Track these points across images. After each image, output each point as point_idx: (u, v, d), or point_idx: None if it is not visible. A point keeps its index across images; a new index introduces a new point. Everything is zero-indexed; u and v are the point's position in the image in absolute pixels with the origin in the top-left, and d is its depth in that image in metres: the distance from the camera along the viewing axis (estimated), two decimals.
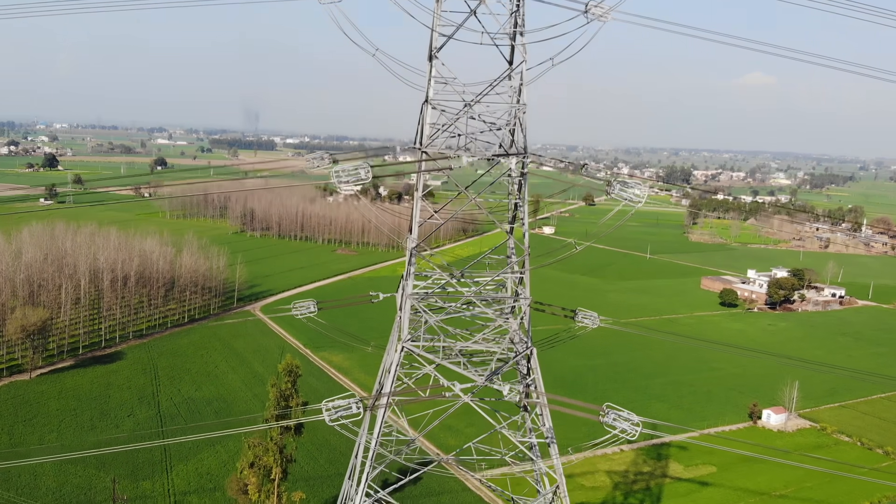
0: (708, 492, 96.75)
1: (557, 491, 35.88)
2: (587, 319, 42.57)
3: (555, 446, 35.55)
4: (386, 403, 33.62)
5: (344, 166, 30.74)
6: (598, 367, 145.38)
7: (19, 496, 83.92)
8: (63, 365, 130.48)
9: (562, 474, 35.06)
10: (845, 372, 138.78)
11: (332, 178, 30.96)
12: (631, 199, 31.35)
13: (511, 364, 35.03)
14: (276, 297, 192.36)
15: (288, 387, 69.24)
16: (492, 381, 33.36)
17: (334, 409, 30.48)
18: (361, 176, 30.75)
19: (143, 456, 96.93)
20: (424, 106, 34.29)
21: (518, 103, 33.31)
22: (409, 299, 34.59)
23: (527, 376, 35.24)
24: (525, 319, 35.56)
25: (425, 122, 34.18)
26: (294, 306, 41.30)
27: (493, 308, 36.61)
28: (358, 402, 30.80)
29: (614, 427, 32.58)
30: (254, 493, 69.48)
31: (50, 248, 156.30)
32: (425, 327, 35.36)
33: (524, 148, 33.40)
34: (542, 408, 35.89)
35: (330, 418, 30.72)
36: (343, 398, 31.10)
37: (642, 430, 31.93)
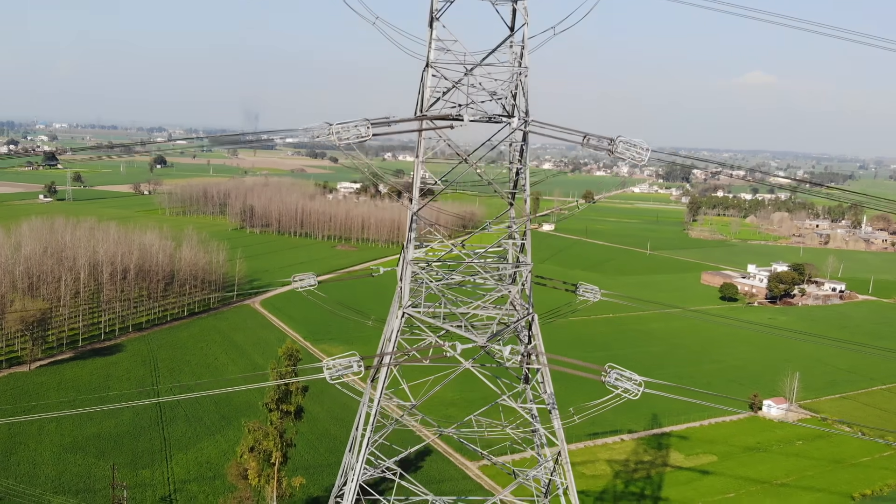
0: (709, 480, 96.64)
1: (559, 458, 35.67)
2: (588, 293, 42.38)
3: (556, 412, 35.33)
4: (387, 368, 33.41)
5: (344, 122, 30.54)
6: (598, 360, 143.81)
7: (18, 484, 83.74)
8: (62, 357, 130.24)
9: (563, 440, 34.85)
10: (852, 346, 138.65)
11: (332, 135, 30.73)
12: (634, 156, 31.15)
13: (512, 327, 34.83)
14: (277, 291, 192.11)
15: (288, 370, 69.02)
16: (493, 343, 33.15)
17: (335, 367, 30.25)
18: (362, 133, 30.57)
19: (143, 445, 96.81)
20: (425, 72, 34.11)
21: (520, 66, 33.12)
22: (410, 265, 34.41)
23: (528, 343, 35.02)
24: (526, 286, 35.38)
25: (426, 86, 33.99)
26: (294, 279, 41.09)
27: (494, 274, 36.41)
28: (359, 361, 30.57)
29: (617, 387, 32.33)
30: (254, 478, 69.28)
31: (49, 241, 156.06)
32: (426, 293, 35.17)
33: (526, 112, 33.18)
34: (543, 374, 35.70)
35: (331, 376, 30.47)
36: (344, 356, 30.89)
37: (645, 389, 31.54)
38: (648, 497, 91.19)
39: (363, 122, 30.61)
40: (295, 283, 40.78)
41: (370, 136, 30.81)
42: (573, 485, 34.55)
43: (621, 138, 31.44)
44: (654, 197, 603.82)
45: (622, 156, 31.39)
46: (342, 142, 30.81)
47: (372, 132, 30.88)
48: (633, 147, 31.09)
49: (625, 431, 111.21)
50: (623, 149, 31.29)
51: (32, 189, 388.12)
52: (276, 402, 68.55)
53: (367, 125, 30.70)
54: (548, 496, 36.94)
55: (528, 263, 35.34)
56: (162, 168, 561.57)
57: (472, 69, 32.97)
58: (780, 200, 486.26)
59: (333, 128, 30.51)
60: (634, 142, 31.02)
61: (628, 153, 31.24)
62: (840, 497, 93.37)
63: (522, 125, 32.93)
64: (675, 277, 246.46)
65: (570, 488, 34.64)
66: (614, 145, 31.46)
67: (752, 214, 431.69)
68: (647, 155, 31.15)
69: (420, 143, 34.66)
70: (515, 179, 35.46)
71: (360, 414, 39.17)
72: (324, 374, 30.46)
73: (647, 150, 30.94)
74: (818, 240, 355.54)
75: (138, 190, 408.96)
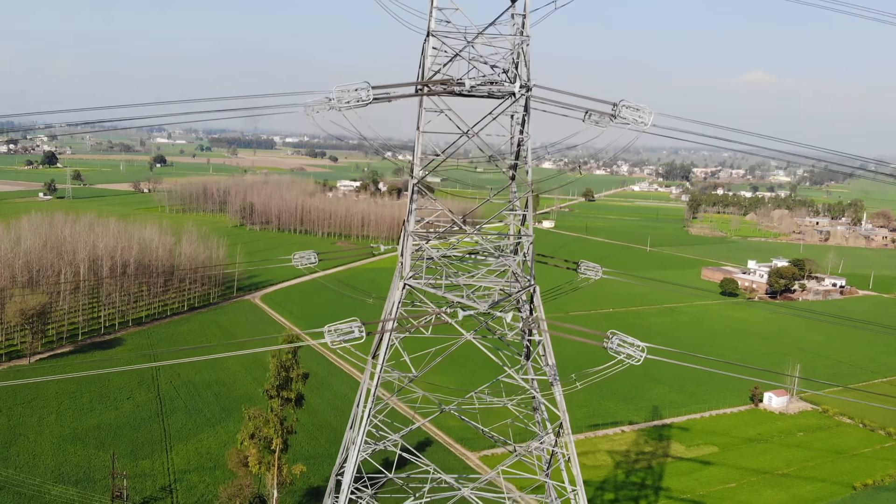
0: (710, 470, 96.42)
1: (561, 431, 35.46)
2: (590, 271, 42.18)
3: (558, 384, 35.12)
4: (388, 339, 33.19)
5: (344, 85, 30.30)
6: (600, 353, 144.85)
7: (18, 474, 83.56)
8: (62, 350, 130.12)
9: (564, 411, 34.63)
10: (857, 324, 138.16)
11: (332, 96, 30.47)
12: (637, 119, 30.91)
13: (514, 296, 34.63)
14: (276, 286, 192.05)
15: (289, 357, 68.82)
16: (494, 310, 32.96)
17: (336, 332, 30.02)
18: (362, 96, 30.36)
19: (143, 436, 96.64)
20: (426, 42, 33.88)
21: (521, 35, 32.88)
22: (411, 237, 34.20)
23: (529, 315, 34.83)
24: (528, 257, 35.16)
25: (426, 56, 33.77)
26: (295, 256, 40.89)
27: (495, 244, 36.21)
28: (360, 327, 30.34)
29: (619, 353, 32.11)
30: (254, 465, 69.08)
31: (49, 236, 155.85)
32: (427, 265, 34.95)
33: (527, 81, 32.93)
34: (545, 346, 35.48)
35: (331, 341, 30.25)
36: (346, 322, 30.68)
37: (647, 356, 31.32)
38: (649, 487, 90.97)
39: (363, 84, 30.43)
40: (296, 260, 40.58)
41: (370, 99, 30.56)
42: (575, 456, 34.37)
43: (624, 102, 31.23)
44: (653, 195, 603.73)
45: (625, 120, 31.16)
46: (342, 106, 30.56)
47: (373, 95, 30.65)
48: (637, 111, 30.86)
49: (625, 423, 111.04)
50: (626, 113, 31.07)
51: (32, 187, 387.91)
52: (276, 389, 68.35)
53: (368, 88, 30.50)
54: (549, 468, 36.75)
55: (530, 235, 35.15)
56: (162, 167, 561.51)
57: (473, 39, 32.75)
58: (780, 198, 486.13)
59: (333, 91, 30.30)
60: (638, 105, 30.82)
61: (632, 117, 31.00)
62: (841, 487, 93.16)
63: (524, 90, 32.67)
64: (675, 273, 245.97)
65: (573, 459, 34.45)
66: (617, 109, 31.25)
67: (751, 212, 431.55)
68: (651, 118, 30.90)
69: (420, 114, 34.49)
70: (517, 151, 35.26)
71: (361, 391, 38.98)
72: (325, 338, 30.28)
73: (650, 113, 30.69)
74: (818, 237, 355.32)
75: (138, 188, 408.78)
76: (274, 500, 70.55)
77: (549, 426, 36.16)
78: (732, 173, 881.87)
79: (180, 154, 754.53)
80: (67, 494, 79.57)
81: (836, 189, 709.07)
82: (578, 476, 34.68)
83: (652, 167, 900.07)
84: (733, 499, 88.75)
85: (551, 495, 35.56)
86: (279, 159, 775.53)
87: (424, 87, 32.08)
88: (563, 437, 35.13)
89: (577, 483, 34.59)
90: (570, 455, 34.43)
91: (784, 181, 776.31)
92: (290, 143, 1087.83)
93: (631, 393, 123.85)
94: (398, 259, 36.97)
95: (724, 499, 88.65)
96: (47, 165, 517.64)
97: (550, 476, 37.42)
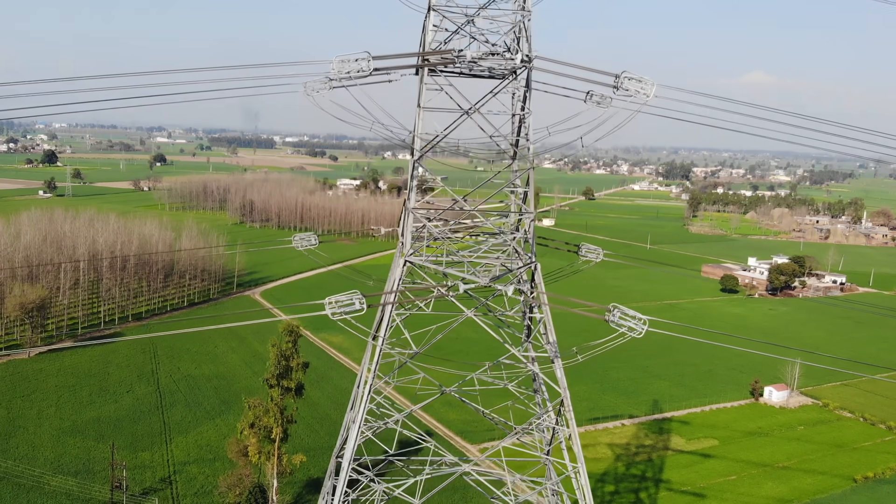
0: (710, 463, 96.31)
1: (562, 408, 35.33)
2: (591, 254, 42.05)
3: (559, 361, 34.97)
4: (389, 315, 33.06)
5: (344, 55, 30.12)
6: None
7: (18, 465, 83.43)
8: (62, 345, 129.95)
9: (565, 388, 34.49)
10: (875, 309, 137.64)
11: (332, 68, 30.30)
12: (640, 91, 30.78)
13: (515, 272, 34.48)
14: (276, 283, 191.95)
15: (289, 346, 68.67)
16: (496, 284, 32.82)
17: (336, 304, 29.89)
18: (363, 67, 30.20)
19: (143, 429, 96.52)
20: (427, 18, 33.74)
21: (523, 10, 32.75)
22: (412, 214, 34.07)
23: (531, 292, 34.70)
24: (529, 234, 35.03)
25: (427, 31, 33.62)
26: (295, 238, 40.76)
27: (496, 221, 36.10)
28: (361, 299, 30.21)
29: (621, 325, 31.96)
30: (254, 455, 68.92)
31: (49, 231, 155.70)
32: (427, 243, 34.81)
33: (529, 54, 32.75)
34: (546, 324, 35.36)
35: (332, 312, 30.13)
36: (346, 294, 30.55)
37: (649, 328, 31.14)
38: (650, 479, 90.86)
39: (364, 54, 30.26)
40: (296, 242, 40.45)
41: (371, 70, 30.38)
42: (576, 432, 34.23)
43: (626, 73, 31.08)
44: (653, 194, 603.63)
45: (628, 92, 30.98)
46: (342, 76, 30.40)
47: (373, 65, 30.46)
48: (640, 82, 30.69)
49: (625, 416, 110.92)
50: (629, 84, 30.90)
51: (32, 185, 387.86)
52: (276, 378, 68.20)
53: (368, 58, 30.32)
54: (551, 444, 36.62)
55: (531, 212, 35.02)
56: (162, 165, 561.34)
57: (474, 14, 32.60)
58: (780, 197, 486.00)
59: (333, 62, 30.12)
60: (641, 77, 30.64)
61: (634, 88, 30.84)
62: (842, 479, 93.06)
63: (526, 63, 32.49)
64: (675, 270, 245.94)
65: (574, 436, 34.31)
66: (619, 81, 31.10)
67: (752, 210, 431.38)
68: (653, 90, 30.73)
69: (421, 91, 34.34)
70: (519, 126, 35.09)
71: (362, 371, 38.84)
72: (325, 310, 30.12)
73: (653, 84, 30.52)
74: (818, 235, 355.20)
75: (138, 186, 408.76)
76: (274, 489, 70.41)
77: (550, 405, 36.01)
78: (732, 173, 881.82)
79: (180, 153, 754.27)
80: (67, 485, 79.43)
81: (837, 188, 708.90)
82: (579, 453, 34.56)
83: (652, 166, 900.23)
84: (734, 491, 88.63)
85: (551, 477, 35.46)
86: (279, 158, 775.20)
87: (425, 59, 31.91)
88: (564, 413, 35.00)
89: (579, 460, 34.47)
90: (572, 432, 34.31)
91: (784, 180, 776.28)
92: (290, 143, 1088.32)
93: (631, 387, 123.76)
94: (398, 239, 36.88)
95: (725, 491, 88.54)
96: (47, 164, 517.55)
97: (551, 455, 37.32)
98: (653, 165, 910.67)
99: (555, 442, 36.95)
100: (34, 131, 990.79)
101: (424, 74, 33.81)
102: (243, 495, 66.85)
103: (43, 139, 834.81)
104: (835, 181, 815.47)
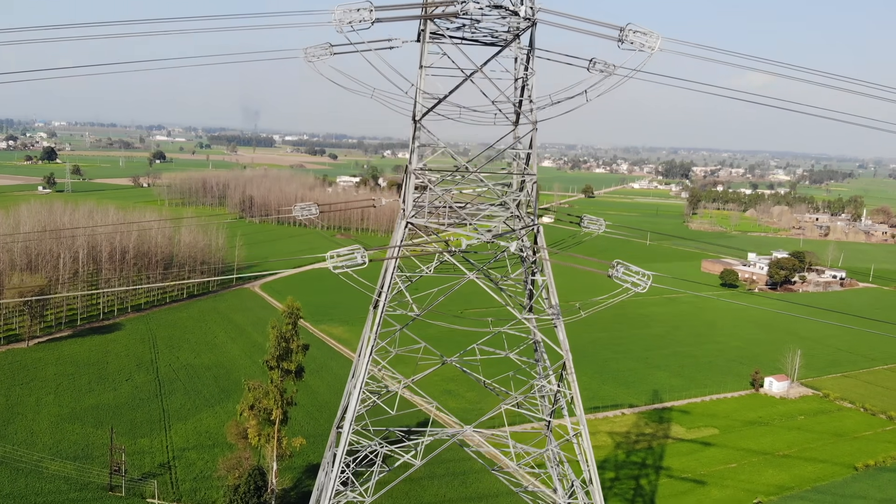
0: (710, 451, 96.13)
1: (564, 372, 35.11)
2: (593, 225, 41.86)
3: (561, 323, 34.75)
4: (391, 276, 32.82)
5: (345, 4, 29.85)
6: (600, 340, 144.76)
7: (16, 450, 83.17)
8: (61, 335, 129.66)
9: (567, 350, 34.25)
10: None
11: (334, 15, 30.04)
12: (645, 43, 30.53)
13: (518, 232, 34.26)
14: (276, 276, 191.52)
15: (289, 328, 68.43)
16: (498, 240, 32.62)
17: (338, 257, 29.64)
18: (364, 17, 29.96)
19: (142, 416, 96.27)
20: None
21: None
22: (413, 176, 33.86)
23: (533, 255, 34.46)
24: (531, 196, 34.83)
25: None
26: (296, 207, 40.52)
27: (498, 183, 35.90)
28: (363, 253, 30.00)
29: (625, 280, 31.76)
30: (253, 437, 68.67)
31: (48, 222, 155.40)
32: (430, 202, 34.58)
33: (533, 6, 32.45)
34: (548, 286, 35.12)
35: (333, 265, 29.90)
36: (348, 247, 30.32)
37: (653, 283, 30.96)
38: (650, 466, 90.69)
39: (365, 3, 30.02)
40: (297, 211, 40.19)
41: (373, 20, 30.18)
42: (578, 394, 33.99)
43: (631, 26, 30.88)
44: (653, 192, 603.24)
45: (632, 44, 30.74)
46: (344, 26, 30.17)
47: (375, 16, 30.22)
48: (645, 35, 30.46)
49: (625, 406, 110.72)
50: (634, 37, 30.66)
51: (32, 181, 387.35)
52: (276, 360, 67.96)
53: (371, 7, 30.08)
54: (554, 407, 36.39)
55: (533, 174, 34.83)
56: (161, 163, 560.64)
57: None
58: (780, 195, 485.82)
59: (336, 11, 29.86)
60: (646, 30, 30.42)
61: (639, 41, 30.60)
62: (843, 468, 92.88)
63: (529, 21, 32.22)
64: (675, 266, 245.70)
65: (576, 398, 34.08)
66: (624, 34, 30.87)
67: (751, 208, 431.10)
68: (659, 42, 30.50)
69: (423, 50, 34.09)
70: (522, 87, 34.84)
71: (363, 340, 38.59)
72: (327, 263, 29.91)
73: (658, 37, 30.28)
74: (818, 232, 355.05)
75: (137, 183, 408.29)
76: (273, 472, 70.16)
77: (551, 368, 35.77)
78: (732, 172, 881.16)
79: (179, 151, 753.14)
80: (65, 470, 79.20)
81: (836, 187, 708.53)
82: (582, 415, 34.34)
83: (651, 166, 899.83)
84: (734, 478, 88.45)
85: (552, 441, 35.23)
86: (278, 157, 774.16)
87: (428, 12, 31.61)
88: (566, 377, 34.80)
89: (581, 421, 34.26)
90: (574, 394, 34.11)
91: (784, 179, 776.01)
92: (290, 142, 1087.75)
93: (631, 378, 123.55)
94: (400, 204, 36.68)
95: (725, 478, 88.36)
96: (46, 161, 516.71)
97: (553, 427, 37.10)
98: (652, 165, 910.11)
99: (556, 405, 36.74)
100: (33, 129, 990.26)
101: (426, 37, 33.60)
102: (243, 477, 66.59)
103: (42, 137, 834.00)
104: (834, 181, 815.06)
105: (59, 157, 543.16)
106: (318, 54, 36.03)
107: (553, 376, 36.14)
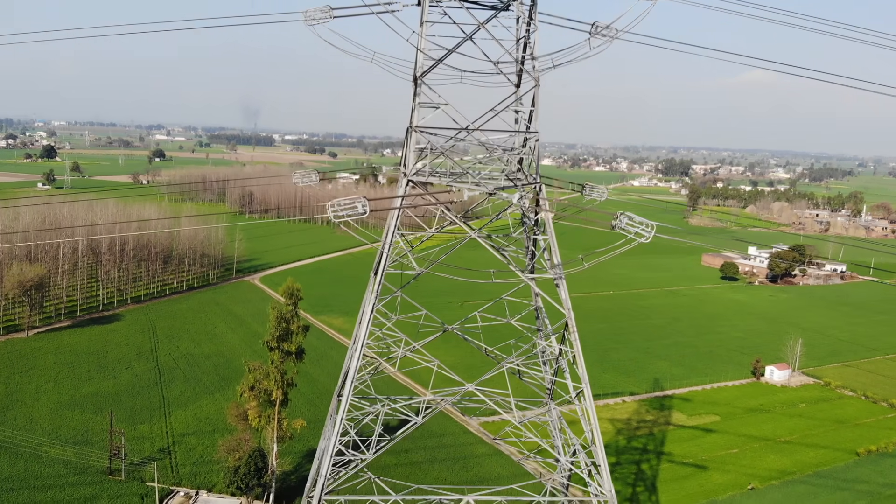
0: (712, 437, 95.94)
1: (566, 332, 34.87)
2: (595, 192, 41.68)
3: (563, 283, 34.50)
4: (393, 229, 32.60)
5: None
6: (601, 331, 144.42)
7: (16, 435, 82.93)
8: (60, 325, 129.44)
9: (570, 309, 34.03)
10: None
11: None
12: None
13: (520, 189, 34.04)
14: (276, 269, 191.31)
15: (289, 309, 68.20)
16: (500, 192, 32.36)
17: (339, 206, 29.46)
18: None
19: (141, 403, 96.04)
20: None
21: None
22: (415, 132, 33.64)
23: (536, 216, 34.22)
24: (534, 155, 34.63)
25: None
26: (296, 174, 40.33)
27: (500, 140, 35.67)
28: (364, 203, 29.82)
29: (628, 231, 31.54)
30: (254, 419, 68.44)
31: (47, 214, 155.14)
32: (432, 159, 34.37)
33: None
34: (551, 245, 34.90)
35: (334, 213, 29.73)
36: (349, 197, 30.14)
37: (656, 234, 30.72)
38: (651, 452, 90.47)
39: None
40: (297, 178, 39.99)
41: None
42: (580, 352, 33.76)
43: None
44: (653, 190, 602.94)
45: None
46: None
47: None
48: None
49: (626, 394, 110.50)
50: None
51: (31, 178, 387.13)
52: (276, 341, 67.72)
53: None
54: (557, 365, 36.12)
55: (536, 132, 34.62)
56: (161, 161, 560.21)
57: None
58: (780, 191, 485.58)
59: None
60: None
61: None
62: (844, 453, 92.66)
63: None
64: (676, 260, 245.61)
65: (578, 357, 33.86)
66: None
67: (751, 204, 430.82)
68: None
69: (424, 6, 33.84)
70: (525, 43, 34.63)
71: (363, 308, 38.36)
72: (328, 212, 29.73)
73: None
74: (818, 228, 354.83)
75: (137, 179, 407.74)
76: (274, 454, 69.92)
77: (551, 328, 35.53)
78: (732, 170, 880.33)
79: (179, 150, 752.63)
80: (65, 454, 78.99)
81: (836, 185, 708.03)
82: (584, 374, 34.10)
83: (651, 164, 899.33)
84: (736, 463, 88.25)
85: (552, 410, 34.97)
86: (278, 155, 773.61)
87: None
88: (568, 337, 34.60)
89: (583, 380, 34.02)
90: (576, 353, 33.88)
91: (783, 177, 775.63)
92: (290, 141, 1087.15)
93: (632, 367, 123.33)
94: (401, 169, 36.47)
95: (727, 463, 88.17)
96: (46, 159, 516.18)
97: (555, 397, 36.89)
98: (652, 163, 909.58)
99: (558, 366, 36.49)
100: (33, 129, 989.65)
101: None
102: (243, 459, 66.36)
103: (42, 136, 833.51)
104: (834, 178, 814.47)
105: (59, 155, 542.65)
106: (317, 17, 35.82)
107: (554, 338, 35.93)
